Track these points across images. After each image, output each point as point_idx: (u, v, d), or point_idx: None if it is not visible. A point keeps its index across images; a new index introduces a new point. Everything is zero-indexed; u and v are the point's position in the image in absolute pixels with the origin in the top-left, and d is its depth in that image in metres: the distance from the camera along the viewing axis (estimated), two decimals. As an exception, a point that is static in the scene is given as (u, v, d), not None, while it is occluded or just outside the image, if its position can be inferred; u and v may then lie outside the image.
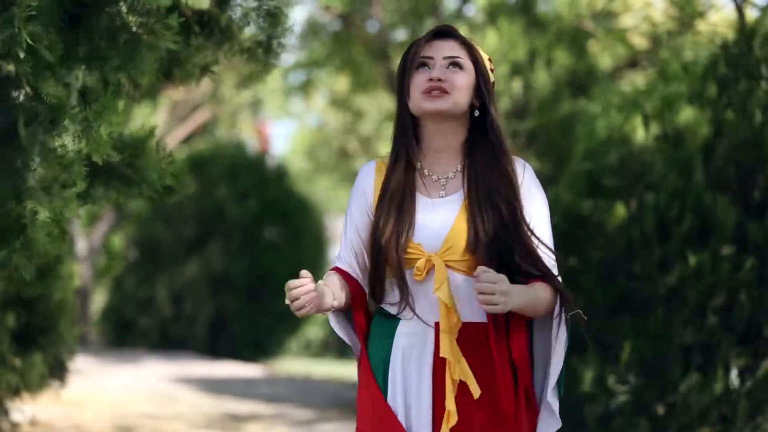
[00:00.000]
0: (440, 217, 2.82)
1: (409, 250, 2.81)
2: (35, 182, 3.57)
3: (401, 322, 2.85)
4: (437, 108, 2.80)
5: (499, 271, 2.73)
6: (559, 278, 2.83)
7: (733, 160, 5.68)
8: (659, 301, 5.67)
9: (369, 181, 2.92)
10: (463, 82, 2.82)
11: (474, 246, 2.78)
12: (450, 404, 2.76)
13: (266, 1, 4.13)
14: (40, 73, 3.38)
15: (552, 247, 2.84)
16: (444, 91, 2.80)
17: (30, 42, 3.31)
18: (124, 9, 3.63)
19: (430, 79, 2.80)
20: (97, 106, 3.58)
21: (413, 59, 2.85)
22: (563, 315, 2.78)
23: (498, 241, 2.78)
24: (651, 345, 5.64)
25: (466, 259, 2.79)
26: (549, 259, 2.83)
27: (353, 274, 2.91)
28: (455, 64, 2.83)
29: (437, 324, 2.81)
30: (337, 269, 2.92)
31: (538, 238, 2.82)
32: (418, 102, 2.82)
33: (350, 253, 2.92)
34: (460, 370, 2.77)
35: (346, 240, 2.93)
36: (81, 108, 3.54)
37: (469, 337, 2.80)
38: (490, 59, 2.92)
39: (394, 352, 2.85)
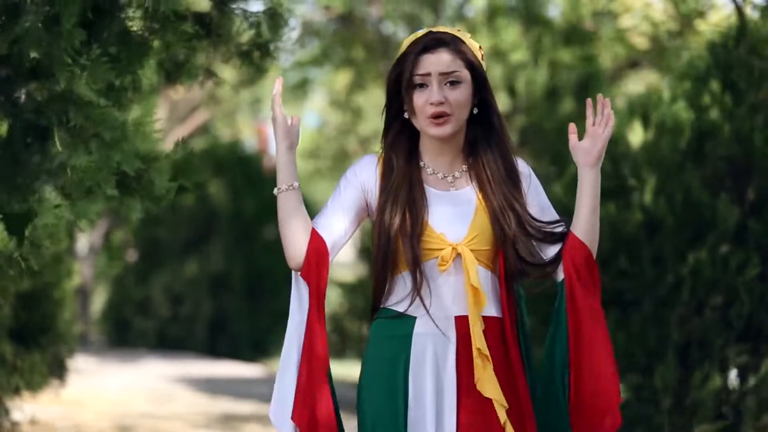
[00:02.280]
0: (458, 209, 2.83)
1: (430, 240, 2.80)
2: (55, 186, 3.59)
3: (418, 321, 2.82)
4: (444, 134, 2.83)
5: (519, 264, 2.81)
6: None
7: (728, 159, 5.69)
8: (654, 299, 5.68)
9: (370, 173, 2.90)
10: (462, 97, 2.83)
11: (502, 241, 2.81)
12: (494, 391, 2.76)
13: (268, 7, 4.13)
14: (75, 78, 3.40)
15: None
16: (447, 114, 2.81)
17: (72, 48, 3.33)
18: (137, 15, 3.64)
19: (431, 103, 2.81)
20: (133, 119, 3.61)
21: (409, 75, 2.83)
22: None
23: (516, 240, 2.82)
24: (640, 342, 5.65)
25: (487, 250, 2.81)
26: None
27: (324, 235, 2.84)
28: (454, 82, 2.82)
29: (457, 318, 2.80)
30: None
31: (553, 223, 2.88)
32: (424, 126, 2.84)
33: (333, 219, 2.86)
34: (486, 362, 2.77)
35: (330, 209, 2.87)
36: (113, 115, 3.55)
37: (487, 330, 2.80)
38: (480, 47, 2.92)
39: (417, 352, 2.81)
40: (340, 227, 2.86)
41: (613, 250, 5.81)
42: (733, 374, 5.59)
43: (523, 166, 2.92)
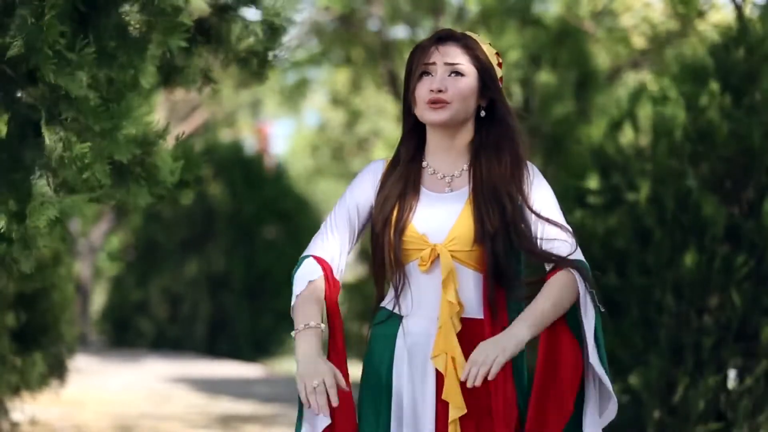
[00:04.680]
0: (445, 210, 2.85)
1: (413, 241, 2.82)
2: (51, 181, 3.59)
3: (403, 321, 2.85)
4: (439, 119, 2.85)
5: (502, 263, 2.77)
6: (579, 255, 2.83)
7: (725, 159, 5.69)
8: (646, 301, 5.69)
9: (378, 174, 2.94)
10: (464, 89, 2.85)
11: (482, 238, 2.79)
12: (454, 396, 2.76)
13: (268, 16, 4.15)
14: (61, 72, 3.40)
15: (565, 225, 2.84)
16: (445, 102, 2.83)
17: (54, 41, 3.34)
18: (135, 9, 3.65)
19: (431, 90, 2.83)
20: (123, 105, 3.60)
21: (417, 66, 2.89)
22: (588, 292, 2.78)
23: (502, 236, 2.80)
24: (632, 345, 5.67)
25: (471, 250, 2.81)
26: (563, 243, 2.82)
27: (329, 261, 2.89)
28: (457, 72, 2.85)
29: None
30: (317, 260, 2.89)
31: (547, 219, 2.83)
32: (422, 112, 2.88)
33: (344, 228, 2.91)
34: (452, 364, 2.77)
35: (341, 215, 2.91)
36: (104, 107, 3.56)
37: (469, 332, 2.81)
38: (497, 53, 2.94)
39: (399, 352, 2.84)
40: (336, 251, 2.90)
41: (606, 254, 5.82)
42: (732, 375, 5.60)
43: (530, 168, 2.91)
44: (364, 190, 2.94)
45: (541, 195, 2.87)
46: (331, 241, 2.92)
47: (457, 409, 2.76)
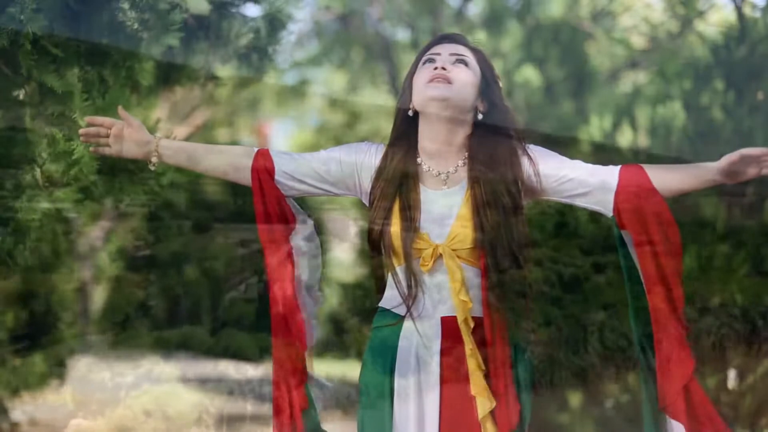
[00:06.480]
0: (444, 208, 2.84)
1: (415, 240, 2.81)
2: (40, 176, 3.59)
3: (406, 320, 2.84)
4: (440, 94, 2.83)
5: (501, 264, 2.76)
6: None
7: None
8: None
9: (374, 158, 2.92)
10: (467, 76, 2.85)
11: (482, 237, 2.78)
12: (481, 389, 2.76)
13: (267, 12, 4.15)
14: (45, 68, 3.41)
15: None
16: (448, 80, 2.82)
17: (36, 35, 3.34)
18: (126, 6, 3.65)
19: (435, 69, 2.82)
20: (108, 98, 3.61)
21: (420, 56, 2.89)
22: None
23: (501, 235, 2.79)
24: (630, 344, 5.65)
25: (471, 248, 2.79)
26: (605, 168, 2.93)
27: (276, 161, 2.93)
28: (461, 61, 2.86)
29: (443, 318, 2.81)
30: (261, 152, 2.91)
31: (572, 177, 2.87)
32: (421, 91, 2.85)
33: (312, 164, 2.94)
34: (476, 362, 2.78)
35: (321, 156, 2.94)
36: (91, 101, 3.57)
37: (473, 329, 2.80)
38: (498, 76, 2.96)
39: (403, 350, 2.84)
40: (293, 166, 2.95)
41: (605, 253, 5.81)
42: (732, 375, 5.60)
43: (527, 164, 2.91)
44: (357, 161, 2.91)
45: (552, 165, 2.89)
46: (296, 160, 2.92)
47: (488, 402, 2.76)
